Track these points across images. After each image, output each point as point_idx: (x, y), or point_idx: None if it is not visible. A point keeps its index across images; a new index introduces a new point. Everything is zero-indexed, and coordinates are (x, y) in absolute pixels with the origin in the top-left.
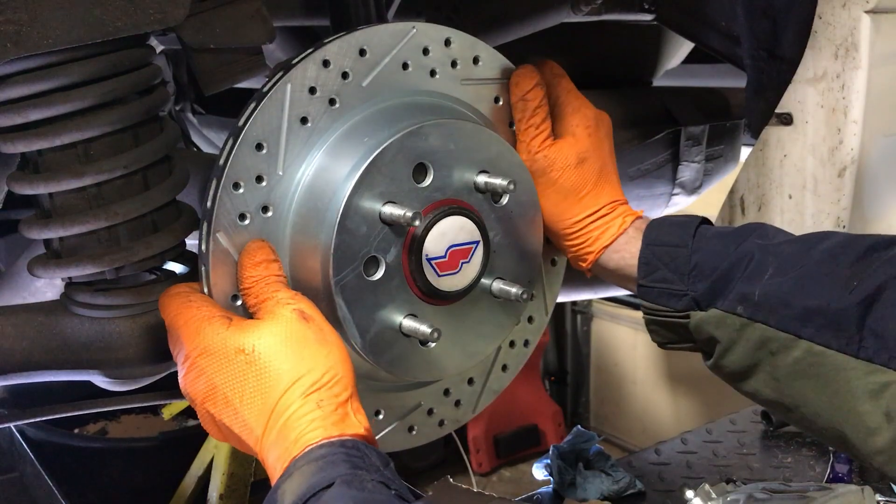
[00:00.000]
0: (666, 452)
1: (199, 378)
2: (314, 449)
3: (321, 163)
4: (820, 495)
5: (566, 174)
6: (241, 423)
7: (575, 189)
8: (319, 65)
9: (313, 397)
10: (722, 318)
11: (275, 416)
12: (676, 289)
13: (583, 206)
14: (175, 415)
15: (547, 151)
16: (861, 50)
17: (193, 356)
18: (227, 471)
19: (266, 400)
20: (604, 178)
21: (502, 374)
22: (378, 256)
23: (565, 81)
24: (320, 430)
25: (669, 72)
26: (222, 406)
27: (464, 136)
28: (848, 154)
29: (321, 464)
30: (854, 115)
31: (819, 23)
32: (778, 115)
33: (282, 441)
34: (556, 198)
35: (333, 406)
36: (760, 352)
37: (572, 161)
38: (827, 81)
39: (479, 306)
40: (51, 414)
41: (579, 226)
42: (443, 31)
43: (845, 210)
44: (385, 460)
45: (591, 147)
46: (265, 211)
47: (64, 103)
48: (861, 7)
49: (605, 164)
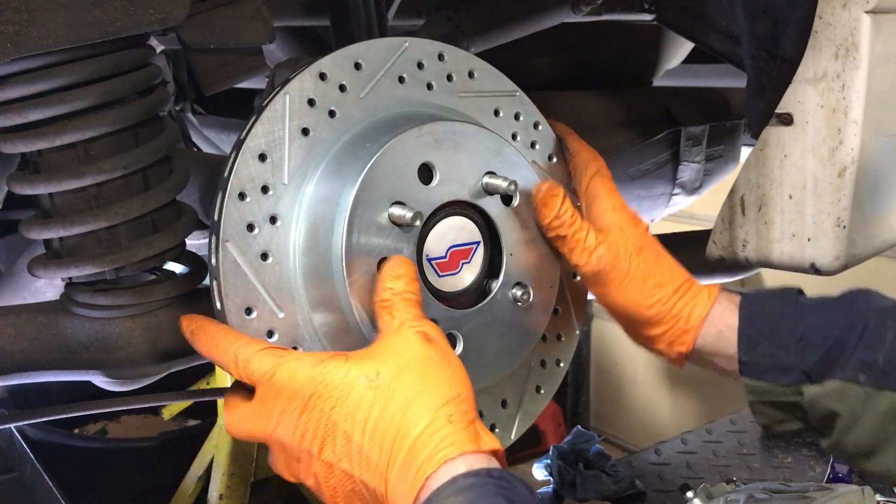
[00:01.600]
0: (666, 452)
1: (317, 423)
2: (459, 478)
3: (326, 170)
4: (820, 495)
5: (634, 261)
6: (363, 461)
7: (648, 273)
8: (316, 77)
9: (442, 413)
10: (843, 389)
11: (401, 438)
12: (784, 362)
13: (663, 284)
14: (175, 415)
15: (607, 243)
16: (861, 50)
17: (304, 402)
18: (227, 471)
19: (392, 425)
20: (668, 261)
21: (537, 395)
22: (389, 258)
23: (603, 178)
24: (456, 446)
25: (669, 72)
26: (342, 447)
27: (468, 137)
28: (848, 154)
29: (471, 496)
30: (854, 115)
31: (819, 23)
32: (778, 115)
33: (411, 463)
34: (633, 287)
35: (464, 423)
36: (892, 424)
37: (632, 250)
38: (827, 81)
39: (501, 315)
40: (51, 414)
41: (669, 304)
42: (435, 46)
43: (845, 210)
44: (531, 489)
45: (642, 236)
46: (273, 221)
47: (64, 103)
48: (861, 7)
49: (661, 250)
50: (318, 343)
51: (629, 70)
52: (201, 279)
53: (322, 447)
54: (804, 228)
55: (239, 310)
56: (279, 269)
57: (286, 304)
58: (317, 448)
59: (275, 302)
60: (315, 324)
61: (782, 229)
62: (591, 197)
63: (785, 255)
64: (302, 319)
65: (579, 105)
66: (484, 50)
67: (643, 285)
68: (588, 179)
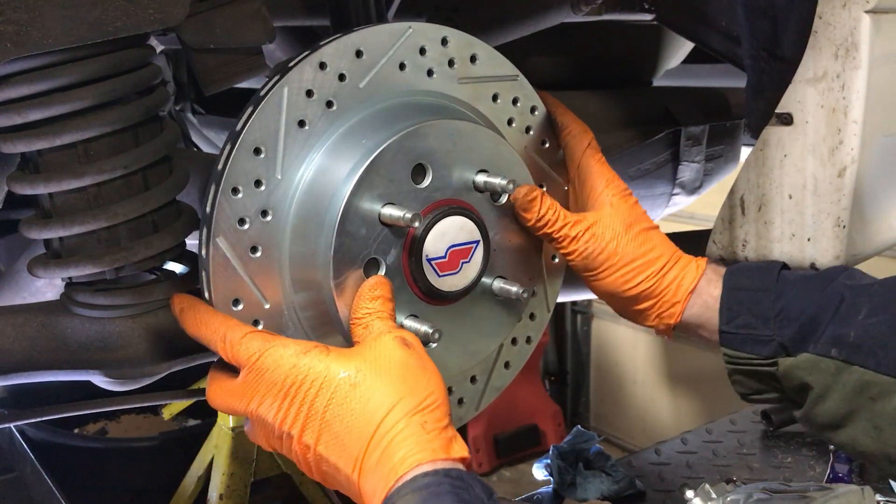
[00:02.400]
0: (666, 452)
1: (298, 410)
2: (418, 477)
3: (319, 166)
4: (820, 495)
5: (622, 241)
6: (340, 449)
7: (636, 251)
8: (316, 67)
9: (416, 419)
10: (815, 362)
11: (377, 437)
12: (762, 334)
13: (651, 261)
14: (175, 415)
15: (593, 230)
16: (861, 50)
17: (287, 388)
18: (227, 471)
19: (370, 421)
20: (657, 237)
21: (505, 371)
22: (378, 258)
23: (594, 151)
24: (428, 452)
25: (669, 72)
26: (321, 433)
27: (462, 136)
28: (848, 154)
29: (425, 494)
30: (854, 115)
31: (819, 23)
32: (778, 115)
33: (385, 462)
34: (622, 265)
35: (437, 430)
36: (859, 397)
37: (621, 229)
38: (827, 81)
39: (480, 305)
40: (51, 414)
41: (656, 278)
42: (439, 30)
43: (845, 210)
44: (489, 491)
45: (631, 212)
46: (264, 215)
47: (64, 103)
48: (861, 7)
49: (651, 225)
50: (301, 332)
51: (629, 70)
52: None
53: (302, 431)
54: (804, 228)
55: (226, 301)
56: (267, 261)
57: (272, 295)
58: (297, 431)
59: (261, 293)
60: (299, 314)
61: (782, 229)
62: (584, 173)
63: (785, 255)
64: (287, 310)
65: (579, 105)
66: None
67: (632, 262)
68: (580, 155)
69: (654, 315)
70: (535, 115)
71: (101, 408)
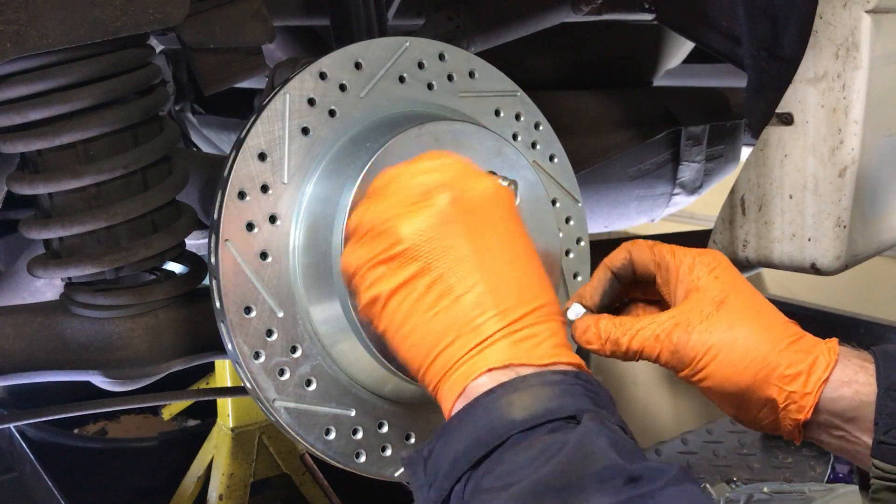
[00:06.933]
0: (666, 452)
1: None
2: (548, 373)
3: (326, 170)
4: (820, 495)
5: (713, 324)
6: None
7: (736, 333)
8: (316, 77)
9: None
10: None
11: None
12: None
13: (760, 343)
14: (175, 415)
15: (677, 320)
16: (862, 50)
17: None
18: (227, 471)
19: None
20: (766, 310)
21: None
22: None
23: (660, 249)
24: (565, 350)
25: (669, 72)
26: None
27: (466, 137)
28: (849, 154)
29: (558, 390)
30: (855, 115)
31: (819, 23)
32: (778, 115)
33: (526, 341)
34: (725, 356)
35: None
36: None
37: (710, 308)
38: (827, 81)
39: None
40: (51, 414)
41: (772, 363)
42: (436, 46)
43: (846, 210)
44: (613, 400)
45: (721, 286)
46: (273, 221)
47: (63, 103)
48: (862, 7)
49: (754, 296)
50: (317, 343)
51: (629, 70)
52: (201, 279)
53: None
54: (804, 228)
55: (238, 309)
56: (278, 268)
57: (285, 303)
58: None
59: (274, 301)
60: (314, 323)
61: (782, 229)
62: (664, 274)
63: (785, 255)
64: (301, 319)
65: (579, 105)
66: (484, 49)
67: (732, 348)
68: (645, 265)
69: (782, 410)
70: (540, 131)
71: (101, 408)
